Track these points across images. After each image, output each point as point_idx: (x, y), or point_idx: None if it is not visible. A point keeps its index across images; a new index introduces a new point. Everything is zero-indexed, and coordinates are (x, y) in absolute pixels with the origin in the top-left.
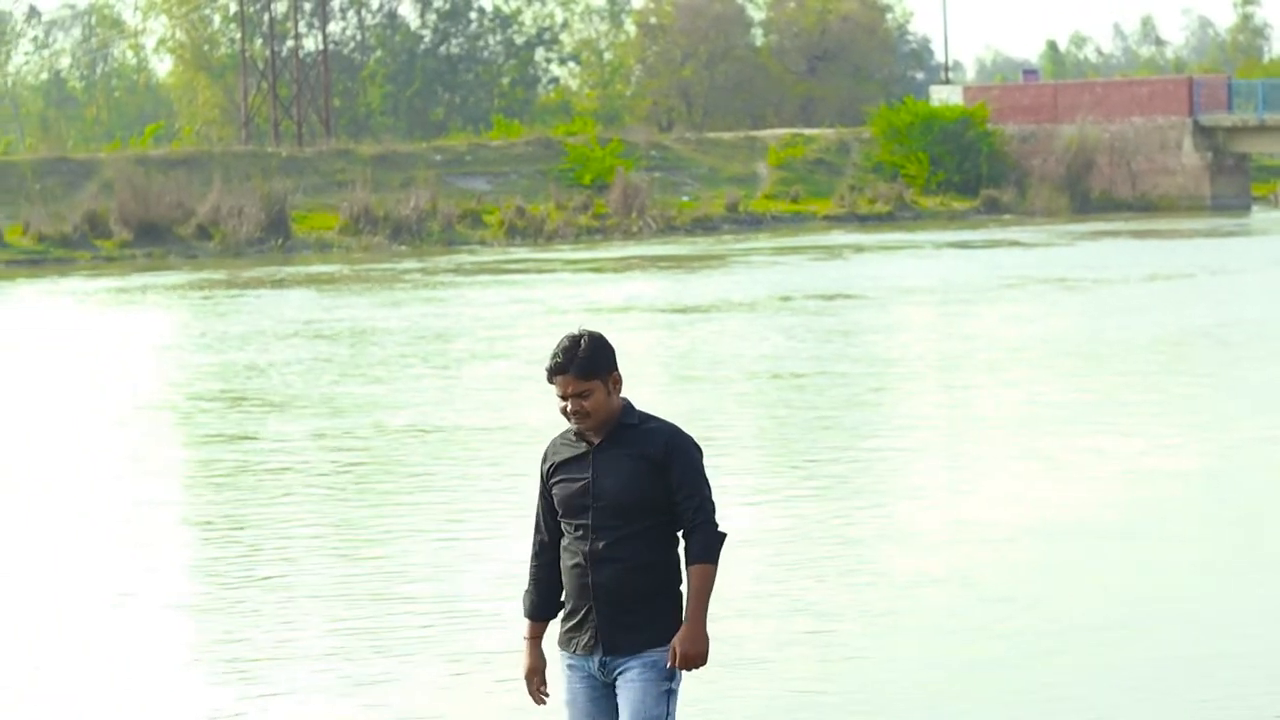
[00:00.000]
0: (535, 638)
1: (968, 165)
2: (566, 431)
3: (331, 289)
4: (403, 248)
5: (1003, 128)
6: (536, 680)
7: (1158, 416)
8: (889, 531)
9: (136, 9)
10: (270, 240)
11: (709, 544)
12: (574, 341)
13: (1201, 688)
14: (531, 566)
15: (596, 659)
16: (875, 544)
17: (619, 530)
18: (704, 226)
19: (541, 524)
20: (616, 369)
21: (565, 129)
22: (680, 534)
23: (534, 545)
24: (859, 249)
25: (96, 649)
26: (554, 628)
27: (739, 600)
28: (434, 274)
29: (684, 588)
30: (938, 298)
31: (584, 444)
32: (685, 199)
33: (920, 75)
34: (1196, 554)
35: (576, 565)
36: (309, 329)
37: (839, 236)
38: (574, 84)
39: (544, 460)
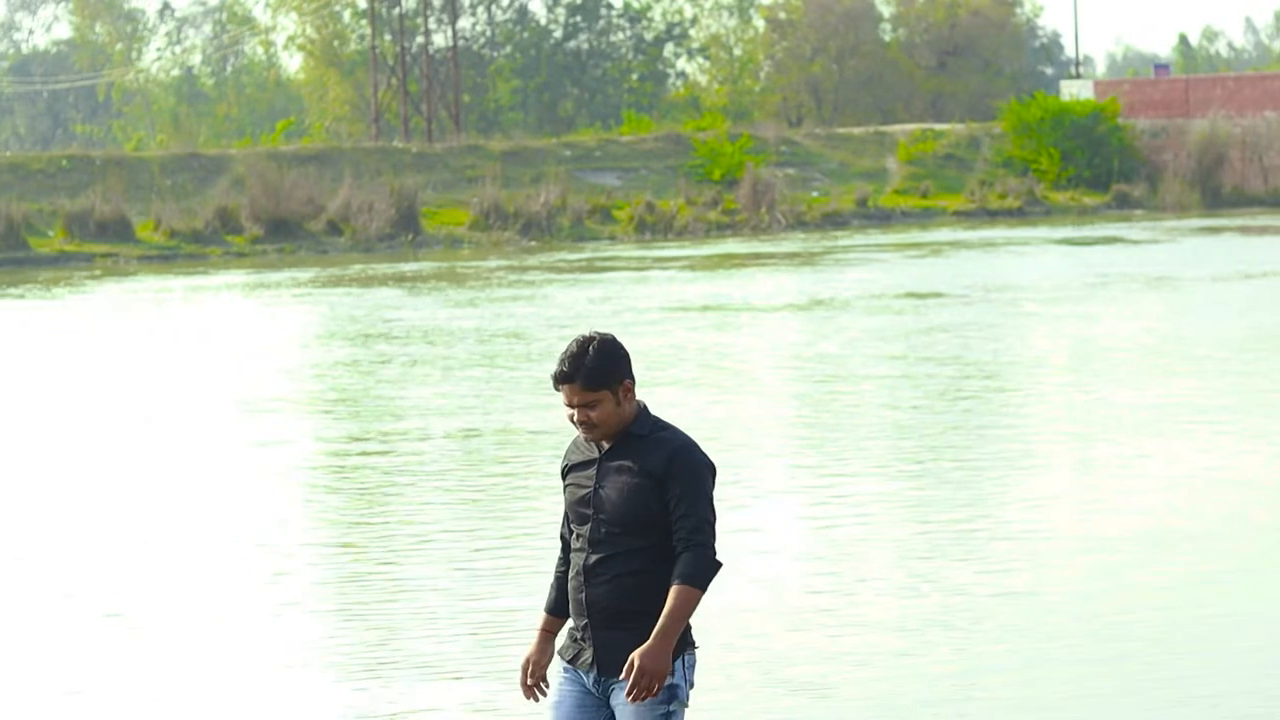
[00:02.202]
0: (548, 630)
1: (1099, 160)
2: None
3: (414, 287)
4: (533, 243)
5: (1134, 122)
6: (535, 672)
7: (1231, 421)
8: (958, 542)
9: (267, 6)
10: (400, 236)
11: (699, 566)
12: (582, 348)
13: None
14: (558, 560)
15: (593, 676)
16: (944, 556)
17: (616, 546)
18: (833, 222)
19: (564, 523)
20: (629, 376)
21: (695, 125)
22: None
23: (560, 541)
24: (961, 245)
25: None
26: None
27: (792, 614)
28: (523, 271)
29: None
30: (1022, 296)
31: (593, 450)
32: (815, 194)
33: (1050, 70)
34: (1274, 567)
35: (575, 577)
36: (377, 329)
37: (944, 233)
38: (703, 80)
39: (564, 458)
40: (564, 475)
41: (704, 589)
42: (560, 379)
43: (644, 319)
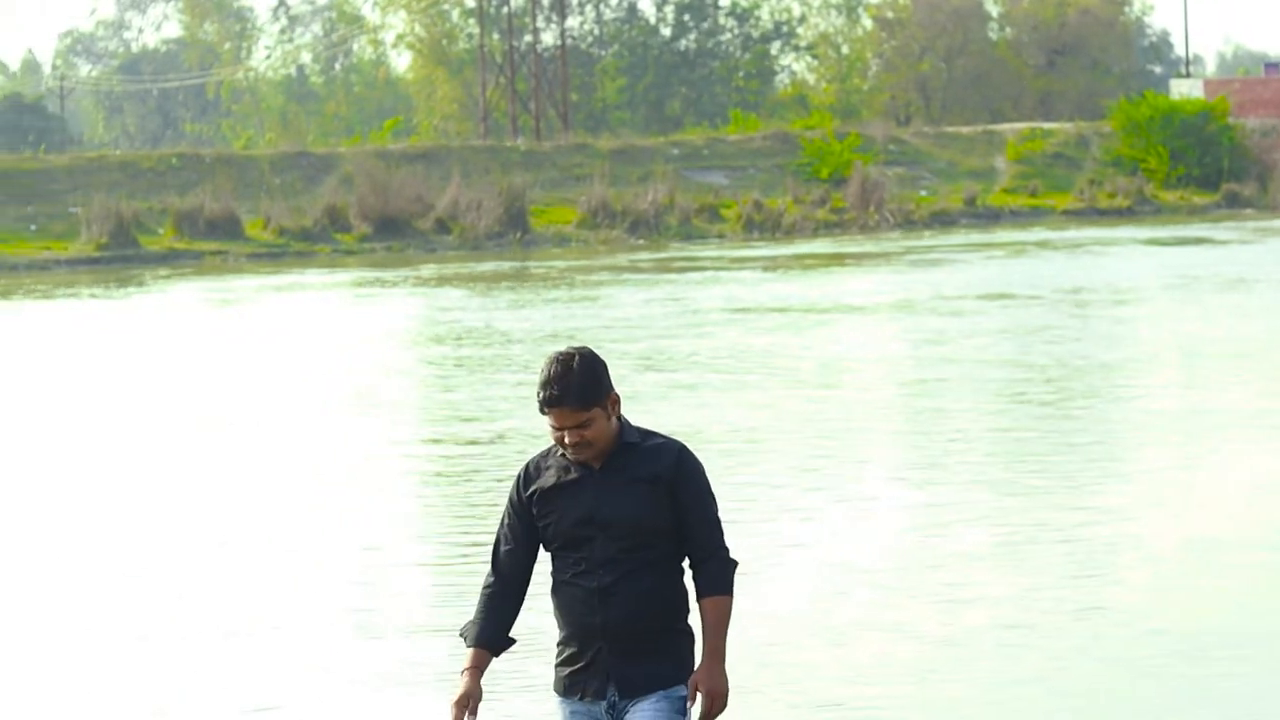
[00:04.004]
0: (477, 667)
1: (1208, 159)
2: (549, 451)
3: (476, 287)
4: (640, 241)
5: (1244, 122)
6: (474, 706)
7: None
8: (1014, 551)
9: (375, 5)
10: (509, 234)
11: (723, 573)
12: (566, 367)
13: None
14: (484, 594)
15: (606, 701)
16: (1000, 567)
17: (628, 561)
18: (941, 221)
19: (504, 552)
20: (613, 388)
21: (802, 123)
22: (687, 562)
23: (492, 572)
24: (1048, 246)
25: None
26: (547, 671)
27: (833, 629)
28: (591, 273)
29: (693, 619)
30: (1093, 298)
31: (578, 469)
32: (923, 193)
33: (1159, 69)
34: None
35: (582, 604)
36: (428, 331)
37: (1036, 233)
38: (810, 78)
39: (523, 484)
40: (531, 501)
41: (732, 592)
42: (550, 403)
43: (707, 320)
